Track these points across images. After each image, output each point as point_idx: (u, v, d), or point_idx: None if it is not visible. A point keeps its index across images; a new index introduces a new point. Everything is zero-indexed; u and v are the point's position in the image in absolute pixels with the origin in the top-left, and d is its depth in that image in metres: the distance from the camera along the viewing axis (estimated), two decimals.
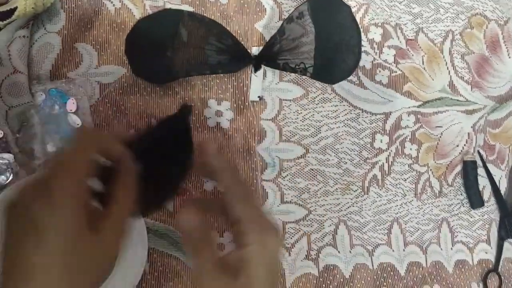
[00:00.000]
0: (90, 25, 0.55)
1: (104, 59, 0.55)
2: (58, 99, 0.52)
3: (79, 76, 0.54)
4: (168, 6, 0.57)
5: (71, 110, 0.52)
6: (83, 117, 0.53)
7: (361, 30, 0.64)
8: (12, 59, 0.50)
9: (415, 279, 0.62)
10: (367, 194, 0.62)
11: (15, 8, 0.48)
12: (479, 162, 0.67)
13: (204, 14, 0.58)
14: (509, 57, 0.70)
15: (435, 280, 0.62)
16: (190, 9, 0.58)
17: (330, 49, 0.55)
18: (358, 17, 0.65)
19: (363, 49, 0.65)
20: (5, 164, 0.49)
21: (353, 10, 0.64)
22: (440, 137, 0.67)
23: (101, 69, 0.55)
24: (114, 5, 0.56)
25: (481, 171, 0.67)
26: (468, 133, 0.68)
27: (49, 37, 0.53)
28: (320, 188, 0.61)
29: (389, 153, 0.64)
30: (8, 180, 0.49)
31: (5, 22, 0.49)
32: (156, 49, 0.53)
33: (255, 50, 0.59)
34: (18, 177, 0.49)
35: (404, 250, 0.62)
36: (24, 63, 0.50)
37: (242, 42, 0.57)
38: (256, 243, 0.35)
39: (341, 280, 0.59)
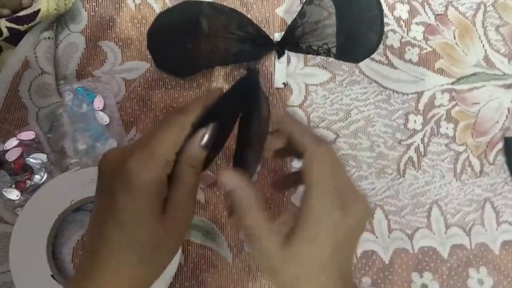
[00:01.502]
0: (112, 23, 0.55)
1: (128, 55, 0.56)
2: (85, 97, 0.52)
3: (104, 73, 0.55)
4: None
5: (98, 107, 0.53)
6: (111, 114, 0.53)
7: (387, 8, 0.63)
8: (38, 60, 0.51)
9: (459, 262, 0.59)
10: (403, 177, 0.60)
11: (38, 10, 0.49)
12: None
13: (224, 4, 0.58)
14: None
15: (480, 263, 0.60)
16: None
17: (352, 27, 0.53)
18: None
19: (390, 27, 0.63)
20: (39, 164, 0.50)
21: None
22: (478, 114, 0.64)
23: (125, 65, 0.55)
24: (134, 1, 0.56)
25: None
26: (508, 108, 0.64)
27: (73, 37, 0.54)
28: (354, 174, 0.59)
29: (424, 133, 0.61)
30: (43, 179, 0.50)
31: (30, 24, 0.50)
32: (177, 42, 0.53)
33: (277, 36, 0.58)
34: (52, 176, 0.50)
35: (445, 233, 0.60)
36: (50, 64, 0.51)
37: (264, 29, 0.56)
38: (312, 148, 0.34)
39: (380, 265, 0.57)
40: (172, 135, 0.33)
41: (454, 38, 0.64)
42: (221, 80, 0.58)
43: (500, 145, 0.64)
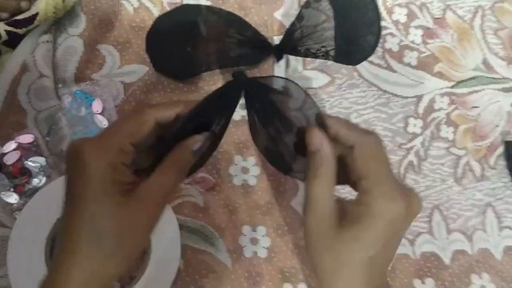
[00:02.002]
0: (111, 26, 0.56)
1: (126, 58, 0.56)
2: (84, 101, 0.52)
3: (103, 77, 0.55)
4: (185, 1, 0.57)
5: (97, 111, 0.53)
6: (109, 117, 0.53)
7: (385, 12, 0.63)
8: (37, 64, 0.51)
9: (461, 267, 0.58)
10: (404, 181, 0.60)
11: (37, 14, 0.49)
12: None
13: (222, 7, 0.58)
14: None
15: (483, 269, 0.59)
16: (208, 3, 0.58)
17: (349, 30, 0.53)
18: None
19: (388, 31, 0.63)
20: (37, 167, 0.50)
21: None
22: (478, 117, 0.63)
23: (124, 69, 0.55)
24: (132, 4, 0.57)
25: None
26: (508, 112, 0.64)
27: (71, 41, 0.54)
28: None
29: (424, 137, 0.61)
30: (42, 183, 0.50)
31: (28, 28, 0.50)
32: (176, 45, 0.54)
33: (276, 40, 0.58)
34: (50, 180, 0.50)
35: (447, 238, 0.59)
36: (49, 67, 0.52)
37: (262, 32, 0.56)
38: (375, 204, 0.34)
39: None
40: (130, 126, 0.33)
41: (453, 42, 0.64)
42: (219, 83, 0.58)
43: (501, 149, 0.64)
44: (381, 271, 0.36)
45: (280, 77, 0.38)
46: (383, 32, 0.62)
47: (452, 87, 0.63)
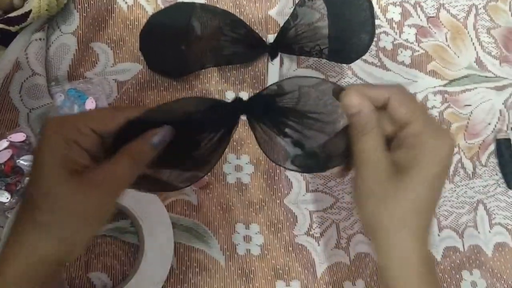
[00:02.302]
0: (104, 24, 0.55)
1: (120, 57, 0.55)
2: (77, 99, 0.52)
3: (96, 75, 0.54)
4: None
5: (90, 109, 0.52)
6: None
7: (379, 10, 0.63)
8: (29, 62, 0.50)
9: (452, 264, 0.59)
10: None
11: (30, 12, 0.49)
12: None
13: (217, 5, 0.58)
14: None
15: (474, 265, 0.60)
16: (202, 1, 0.58)
17: (343, 28, 0.53)
18: None
19: (382, 29, 0.63)
20: (29, 166, 0.50)
21: None
22: (470, 116, 0.64)
23: (117, 67, 0.55)
24: (126, 2, 0.56)
25: None
26: (500, 110, 0.65)
27: (64, 38, 0.54)
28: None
29: None
30: None
31: (21, 25, 0.50)
32: (170, 44, 0.53)
33: (270, 38, 0.58)
34: None
35: (439, 235, 0.60)
36: (42, 65, 0.51)
37: (257, 31, 0.56)
38: (430, 143, 0.34)
39: (374, 268, 0.57)
40: (97, 113, 0.35)
41: (446, 40, 0.64)
42: (213, 81, 0.57)
43: (492, 147, 0.64)
44: (432, 215, 0.37)
45: (277, 83, 0.37)
46: (377, 30, 0.62)
47: (445, 85, 0.64)
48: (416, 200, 0.35)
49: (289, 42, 0.55)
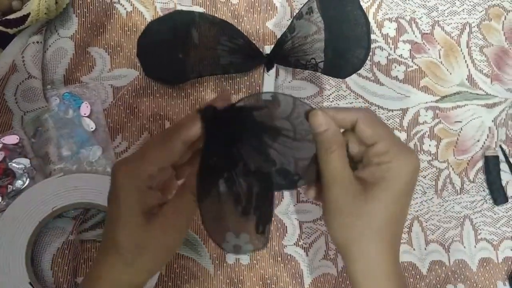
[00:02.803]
0: (102, 29, 0.55)
1: (117, 62, 0.55)
2: (72, 103, 0.52)
3: (92, 80, 0.54)
4: (179, 7, 0.57)
5: (85, 114, 0.52)
6: (97, 120, 0.53)
7: (375, 25, 0.64)
8: (26, 64, 0.50)
9: (438, 278, 0.60)
10: None
11: (28, 14, 0.48)
12: (502, 157, 0.65)
13: (215, 15, 0.58)
14: None
15: (458, 279, 0.61)
16: (201, 10, 0.58)
17: (339, 43, 0.54)
18: (371, 12, 0.64)
19: (378, 44, 0.64)
20: (21, 169, 0.50)
21: (366, 5, 0.64)
22: (460, 132, 0.65)
23: (114, 72, 0.55)
24: (125, 8, 0.56)
25: (503, 166, 0.65)
26: (489, 128, 0.66)
27: (62, 42, 0.54)
28: None
29: None
30: (25, 185, 0.50)
31: (19, 28, 0.49)
32: (167, 51, 0.53)
33: (267, 49, 0.58)
34: (34, 182, 0.50)
35: (425, 249, 0.61)
36: (38, 69, 0.51)
37: (254, 41, 0.57)
38: (395, 161, 0.36)
39: None
40: (159, 153, 0.36)
41: (440, 57, 0.65)
42: (209, 90, 0.58)
43: (481, 163, 0.65)
44: (400, 229, 0.39)
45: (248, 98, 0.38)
46: (373, 45, 0.63)
47: (436, 101, 0.64)
48: (382, 216, 0.37)
49: (285, 54, 0.56)
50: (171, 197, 0.38)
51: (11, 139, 0.50)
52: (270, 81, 0.58)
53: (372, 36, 0.63)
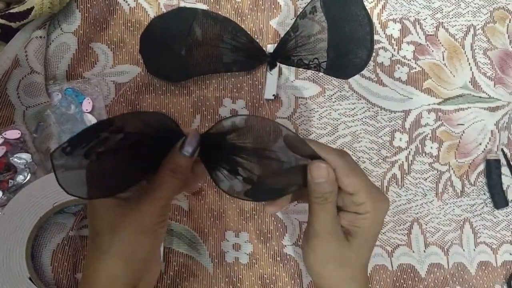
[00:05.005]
0: (105, 25, 0.55)
1: (120, 58, 0.55)
2: (74, 98, 0.52)
3: (94, 75, 0.54)
4: (182, 4, 0.57)
5: (87, 109, 0.52)
6: (99, 116, 0.53)
7: (379, 26, 0.64)
8: (29, 59, 0.50)
9: (436, 281, 0.60)
10: (387, 193, 0.61)
11: (32, 8, 0.48)
12: (503, 161, 0.65)
13: (219, 12, 0.58)
14: None
15: (457, 282, 0.61)
16: (205, 7, 0.58)
17: (342, 43, 0.53)
18: (375, 13, 0.64)
19: (381, 45, 0.63)
20: (23, 164, 0.50)
21: (370, 5, 0.63)
22: (462, 135, 0.65)
23: (116, 68, 0.55)
24: (129, 4, 0.56)
25: (505, 170, 0.65)
26: (491, 131, 0.66)
27: (65, 37, 0.53)
28: None
29: (409, 151, 0.62)
30: (26, 180, 0.50)
31: (22, 22, 0.49)
32: (170, 48, 0.53)
33: (270, 48, 0.58)
34: (35, 177, 0.50)
35: (424, 251, 0.61)
36: (40, 63, 0.51)
37: (257, 40, 0.56)
38: (372, 212, 0.39)
39: None
40: (166, 193, 0.37)
41: (443, 59, 0.65)
42: (211, 88, 0.58)
43: (482, 166, 0.65)
44: (367, 266, 0.42)
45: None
46: (376, 46, 0.63)
47: (439, 103, 0.64)
48: (362, 262, 0.41)
49: (288, 53, 0.55)
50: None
51: (13, 133, 0.50)
52: (273, 79, 0.58)
53: (376, 37, 0.63)
